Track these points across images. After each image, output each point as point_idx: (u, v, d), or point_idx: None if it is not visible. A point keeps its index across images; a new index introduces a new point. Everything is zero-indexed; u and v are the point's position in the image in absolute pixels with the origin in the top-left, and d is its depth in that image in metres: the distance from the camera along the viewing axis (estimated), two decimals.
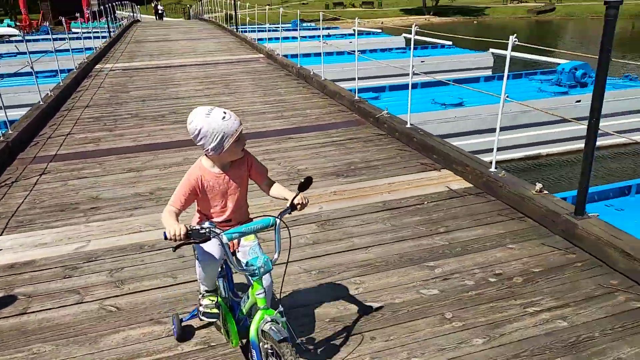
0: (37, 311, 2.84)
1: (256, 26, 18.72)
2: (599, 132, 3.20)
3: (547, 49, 9.45)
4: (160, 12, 40.45)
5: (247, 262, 1.98)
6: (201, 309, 2.31)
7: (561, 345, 2.44)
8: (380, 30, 26.21)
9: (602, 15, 3.09)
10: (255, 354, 1.95)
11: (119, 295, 2.97)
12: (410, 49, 5.91)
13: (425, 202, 4.10)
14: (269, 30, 15.32)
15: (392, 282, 3.01)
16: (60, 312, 2.83)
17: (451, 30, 42.54)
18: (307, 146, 5.64)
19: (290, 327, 1.97)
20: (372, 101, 7.83)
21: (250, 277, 1.94)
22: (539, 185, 3.80)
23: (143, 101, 8.26)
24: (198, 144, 1.98)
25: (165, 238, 1.82)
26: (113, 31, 20.31)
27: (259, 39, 16.41)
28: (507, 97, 4.21)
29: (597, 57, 3.10)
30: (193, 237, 1.82)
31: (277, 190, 2.21)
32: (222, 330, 2.43)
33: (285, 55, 12.31)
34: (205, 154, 2.05)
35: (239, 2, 22.17)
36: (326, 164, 5.05)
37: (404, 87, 11.12)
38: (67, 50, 10.74)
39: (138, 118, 7.18)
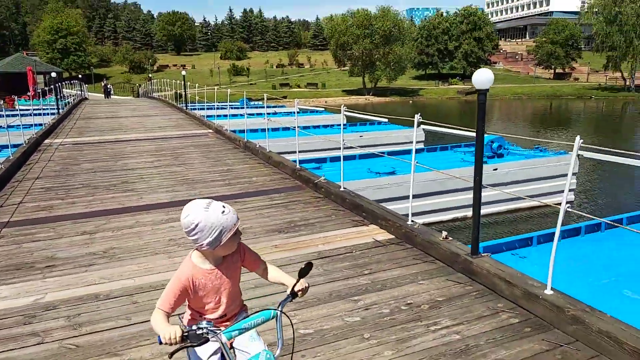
0: (1, 352, 3.12)
1: (205, 104, 19.70)
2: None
3: (457, 127, 10.76)
4: (108, 90, 41.15)
5: None
6: None
7: (453, 352, 3.04)
8: (322, 109, 27.97)
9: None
10: None
11: (77, 336, 3.31)
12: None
13: (354, 251, 4.73)
14: (218, 108, 16.26)
15: (322, 313, 3.54)
16: (23, 351, 3.13)
17: (391, 109, 45.81)
18: (251, 208, 6.22)
19: None
20: (314, 171, 8.63)
21: None
22: (444, 233, 4.55)
23: (94, 172, 8.63)
24: (191, 237, 1.89)
25: (160, 343, 1.73)
26: (62, 108, 20.60)
27: (207, 116, 17.28)
28: (417, 163, 5.05)
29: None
30: (190, 339, 1.71)
31: (275, 274, 2.15)
32: None
33: (234, 131, 13.13)
34: (197, 249, 1.96)
35: (188, 83, 23.28)
36: (269, 223, 5.63)
37: (339, 158, 12.16)
38: (18, 125, 11.03)
39: (89, 187, 7.54)
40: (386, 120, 20.62)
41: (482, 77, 3.71)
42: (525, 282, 3.61)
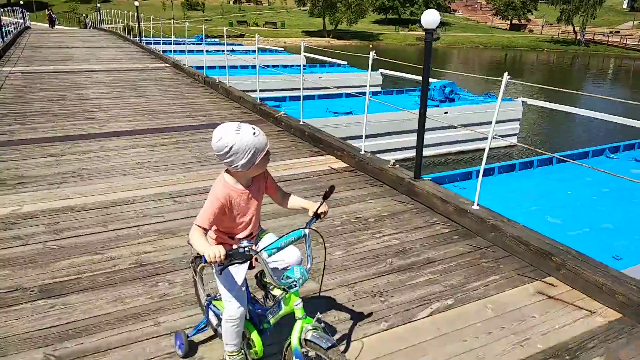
0: None
1: (161, 39, 19.07)
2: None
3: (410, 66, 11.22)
4: (53, 19, 38.51)
5: (283, 276, 1.97)
6: None
7: (392, 252, 3.61)
8: (282, 49, 27.61)
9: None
10: None
11: (59, 239, 3.64)
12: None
13: (312, 177, 5.19)
14: (174, 43, 15.88)
15: (282, 224, 4.01)
16: (10, 250, 3.45)
17: (349, 51, 45.52)
18: None
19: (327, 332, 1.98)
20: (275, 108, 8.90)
21: (287, 289, 1.96)
22: (392, 161, 5.08)
23: (50, 101, 8.55)
24: (226, 160, 1.94)
25: (205, 262, 1.80)
26: (5, 36, 19.38)
27: (163, 51, 16.85)
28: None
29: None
30: (235, 257, 1.78)
31: (295, 201, 2.24)
32: (242, 349, 2.28)
33: (191, 67, 13.00)
34: (228, 171, 2.03)
35: (142, 14, 22.27)
36: None
37: (299, 97, 12.42)
38: None
39: (49, 115, 7.53)
40: (345, 63, 20.88)
41: (430, 18, 4.09)
42: (457, 200, 4.21)
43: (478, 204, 4.05)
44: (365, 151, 5.53)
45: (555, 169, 7.65)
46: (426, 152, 12.71)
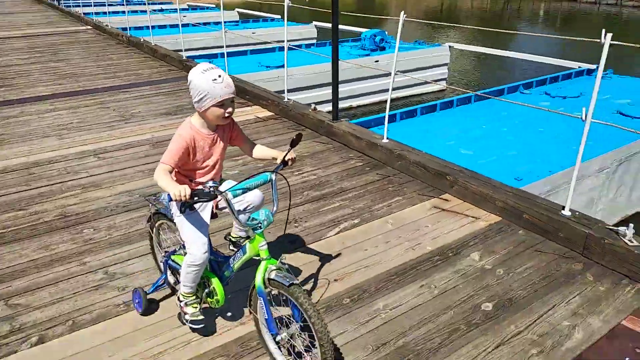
0: None
1: (80, 1, 17.99)
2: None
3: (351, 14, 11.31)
4: None
5: (249, 217, 1.98)
6: (187, 317, 2.23)
7: (309, 185, 3.91)
8: (214, 6, 26.69)
9: None
10: (262, 301, 1.97)
11: None
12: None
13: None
14: (95, 5, 15.07)
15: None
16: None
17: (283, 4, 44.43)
18: (139, 96, 6.49)
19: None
20: None
21: (252, 231, 1.98)
22: (313, 106, 5.32)
23: None
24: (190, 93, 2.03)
25: (170, 200, 1.84)
26: None
27: (84, 13, 15.97)
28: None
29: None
30: (199, 196, 1.81)
31: (261, 151, 2.28)
32: (198, 294, 2.29)
33: (115, 28, 12.49)
34: (198, 112, 2.06)
35: None
36: (157, 108, 6.01)
37: (234, 54, 12.30)
38: None
39: None
40: (279, 16, 20.58)
41: None
42: (370, 135, 4.54)
43: (387, 138, 4.40)
44: (288, 99, 5.73)
45: (473, 107, 8.17)
46: (359, 101, 13.12)
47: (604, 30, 2.66)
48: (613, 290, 2.61)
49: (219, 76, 1.95)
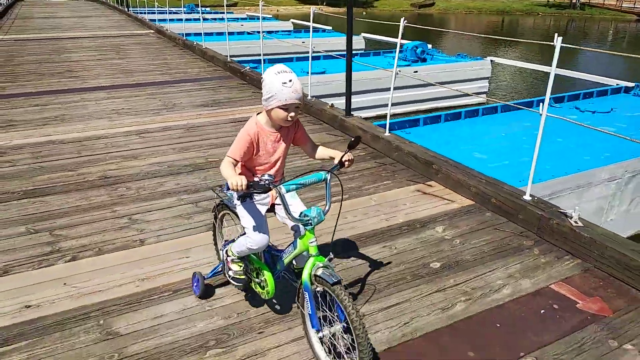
0: None
1: (146, 9, 19.54)
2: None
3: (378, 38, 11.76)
4: None
5: (301, 213, 2.03)
6: (230, 273, 2.38)
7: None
8: (270, 16, 27.96)
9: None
10: (307, 296, 2.03)
11: (41, 162, 4.46)
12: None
13: None
14: (159, 12, 16.40)
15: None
16: (0, 170, 4.28)
17: (343, 19, 45.43)
18: (183, 90, 7.28)
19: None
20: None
21: (303, 227, 2.02)
22: (330, 103, 5.86)
23: (39, 63, 9.27)
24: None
25: (228, 189, 1.96)
26: None
27: (150, 20, 17.39)
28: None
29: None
30: (254, 188, 1.88)
31: (322, 151, 2.29)
32: (252, 284, 2.43)
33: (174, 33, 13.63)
34: (265, 110, 2.09)
35: None
36: (196, 100, 6.75)
37: (280, 60, 13.08)
38: None
39: (36, 75, 8.28)
40: (330, 28, 21.37)
41: None
42: (374, 129, 5.01)
43: (389, 132, 4.86)
44: (310, 97, 6.30)
45: (499, 117, 8.42)
46: (397, 109, 13.51)
47: None
48: (553, 263, 2.95)
49: (290, 80, 1.99)
